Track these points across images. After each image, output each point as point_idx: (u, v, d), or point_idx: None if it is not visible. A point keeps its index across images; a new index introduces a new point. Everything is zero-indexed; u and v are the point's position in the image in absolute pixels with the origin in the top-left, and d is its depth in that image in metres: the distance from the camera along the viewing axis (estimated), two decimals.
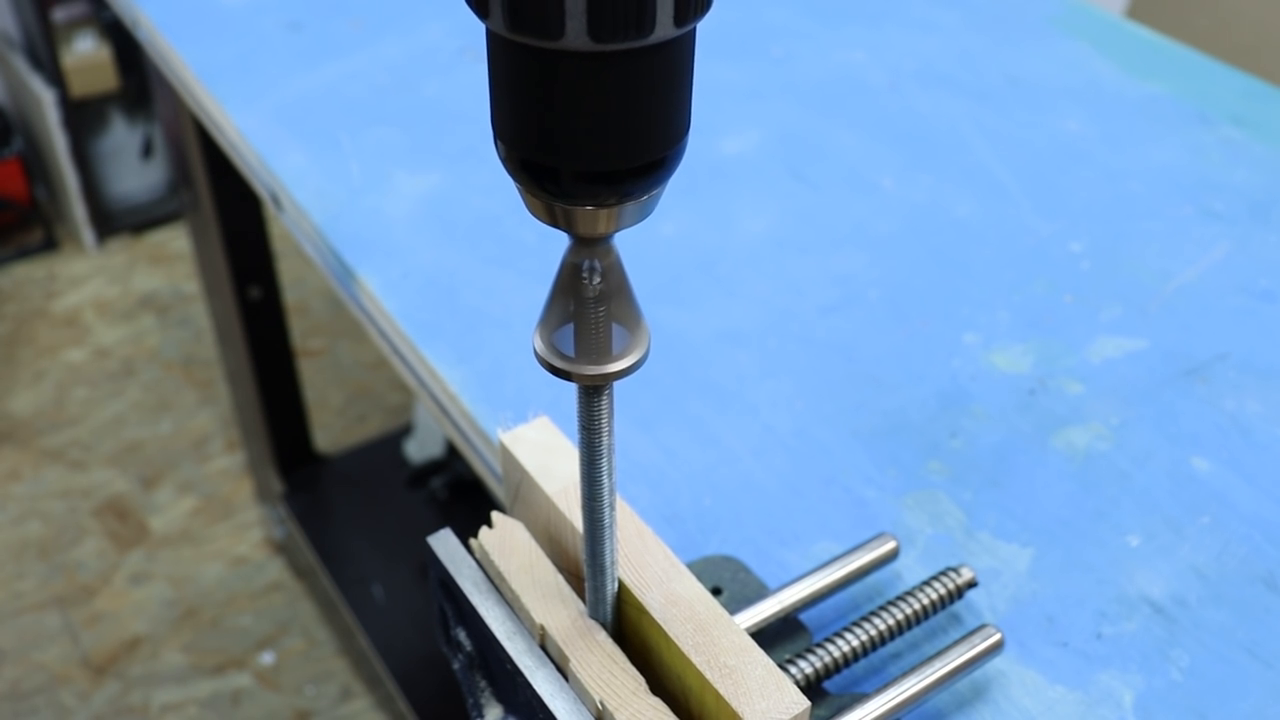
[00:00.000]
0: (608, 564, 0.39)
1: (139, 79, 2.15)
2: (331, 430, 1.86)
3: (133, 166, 2.30)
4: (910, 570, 0.52)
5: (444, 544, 0.43)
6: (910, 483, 0.56)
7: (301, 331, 2.04)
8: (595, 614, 0.40)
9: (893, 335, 0.65)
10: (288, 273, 1.78)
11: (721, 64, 0.89)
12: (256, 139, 0.80)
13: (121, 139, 2.27)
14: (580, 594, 0.41)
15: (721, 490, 0.56)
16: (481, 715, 0.44)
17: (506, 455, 0.45)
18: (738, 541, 0.54)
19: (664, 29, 0.27)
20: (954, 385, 0.62)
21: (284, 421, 1.53)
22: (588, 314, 0.32)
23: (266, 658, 1.57)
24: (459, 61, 0.89)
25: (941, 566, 0.51)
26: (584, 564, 0.39)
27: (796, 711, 0.37)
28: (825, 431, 0.59)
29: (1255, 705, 0.47)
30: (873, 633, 0.46)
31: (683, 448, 0.58)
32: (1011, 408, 0.61)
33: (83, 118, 2.18)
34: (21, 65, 2.15)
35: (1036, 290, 0.68)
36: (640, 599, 0.39)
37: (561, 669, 0.40)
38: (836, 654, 0.45)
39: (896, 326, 0.66)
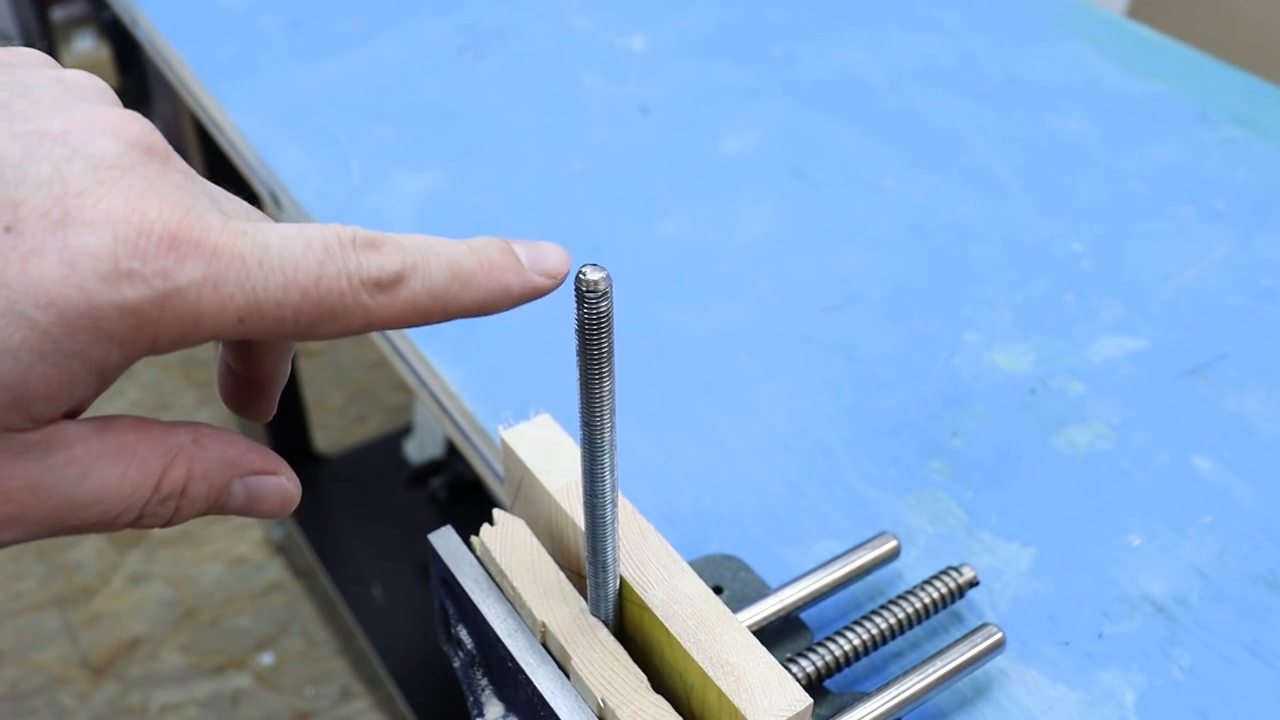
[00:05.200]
0: (610, 561, 0.39)
1: (138, 78, 2.15)
2: (331, 430, 1.86)
3: None
4: (911, 569, 0.52)
5: (445, 541, 0.43)
6: (911, 482, 0.56)
7: None
8: (597, 611, 0.40)
9: (893, 334, 0.65)
10: None
11: (721, 64, 0.89)
12: (256, 138, 0.80)
13: None
14: (582, 591, 0.41)
15: (722, 489, 0.56)
16: (482, 713, 0.44)
17: (508, 452, 0.45)
18: (738, 540, 0.54)
19: None
20: (955, 384, 0.62)
21: (284, 421, 1.53)
22: None
23: (266, 658, 1.57)
24: (459, 61, 0.89)
25: (943, 565, 0.51)
26: (585, 561, 0.39)
27: (799, 709, 0.36)
28: (826, 430, 0.59)
29: (1257, 705, 0.47)
30: (874, 631, 0.46)
31: (683, 447, 0.58)
32: (1013, 407, 0.61)
33: None
34: None
35: (1038, 289, 0.68)
36: (642, 596, 0.39)
37: (563, 666, 0.40)
38: (838, 652, 0.45)
39: (897, 326, 0.66)
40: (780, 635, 0.47)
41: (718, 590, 0.50)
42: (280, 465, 0.32)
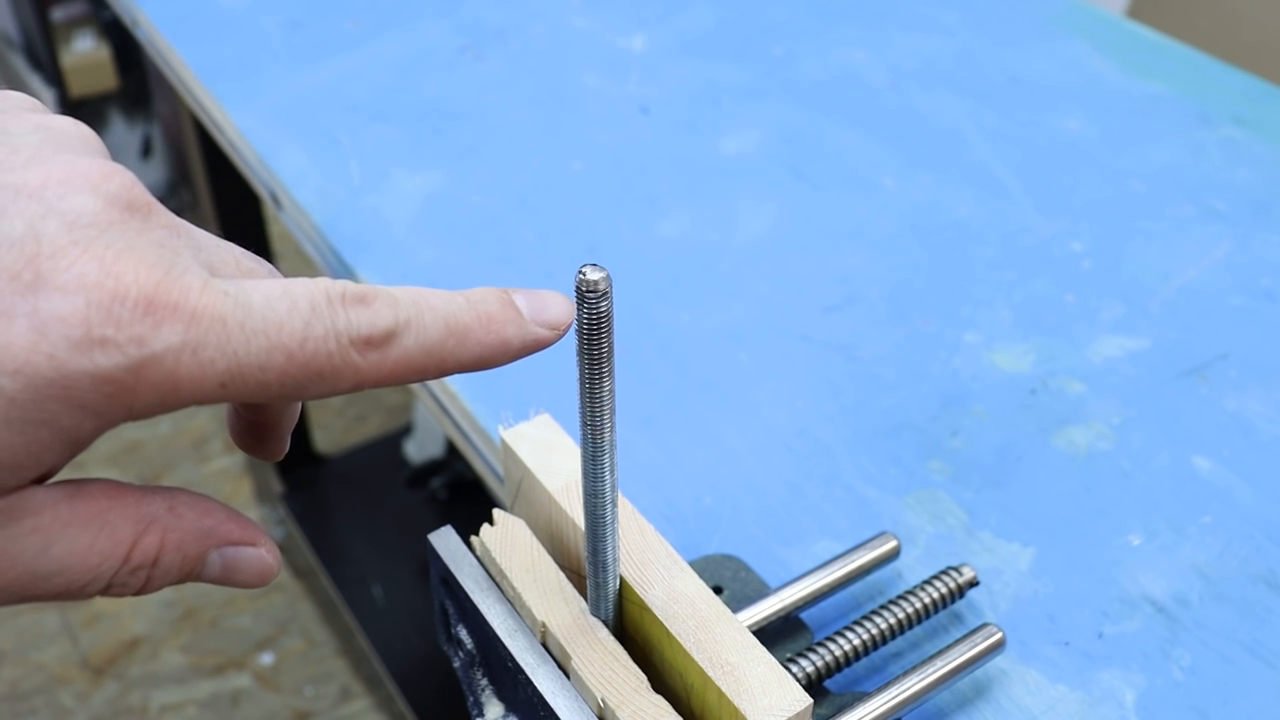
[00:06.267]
0: (610, 561, 0.39)
1: (138, 78, 2.15)
2: (331, 430, 1.86)
3: (132, 166, 2.29)
4: (911, 569, 0.52)
5: (445, 541, 0.43)
6: (911, 482, 0.56)
7: None
8: (597, 611, 0.40)
9: (894, 334, 0.65)
10: (288, 272, 1.78)
11: (721, 63, 0.89)
12: (256, 138, 0.80)
13: (121, 138, 2.27)
14: (582, 591, 0.41)
15: (722, 489, 0.56)
16: (482, 714, 0.44)
17: (508, 452, 0.45)
18: (738, 540, 0.54)
19: None
20: (955, 384, 0.62)
21: None
22: None
23: (266, 658, 1.57)
24: (459, 61, 0.89)
25: (943, 565, 0.51)
26: (585, 561, 0.39)
27: (799, 709, 0.36)
28: (826, 430, 0.59)
29: (1257, 705, 0.47)
30: (874, 631, 0.46)
31: (683, 447, 0.58)
32: (1013, 407, 0.61)
33: (82, 117, 2.16)
34: (21, 65, 2.15)
35: (1038, 289, 0.68)
36: (642, 596, 0.39)
37: (563, 666, 0.40)
38: (838, 652, 0.45)
39: (897, 326, 0.66)
40: (780, 635, 0.47)
41: (718, 590, 0.50)
42: (259, 536, 0.30)
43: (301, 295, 0.27)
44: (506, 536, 0.42)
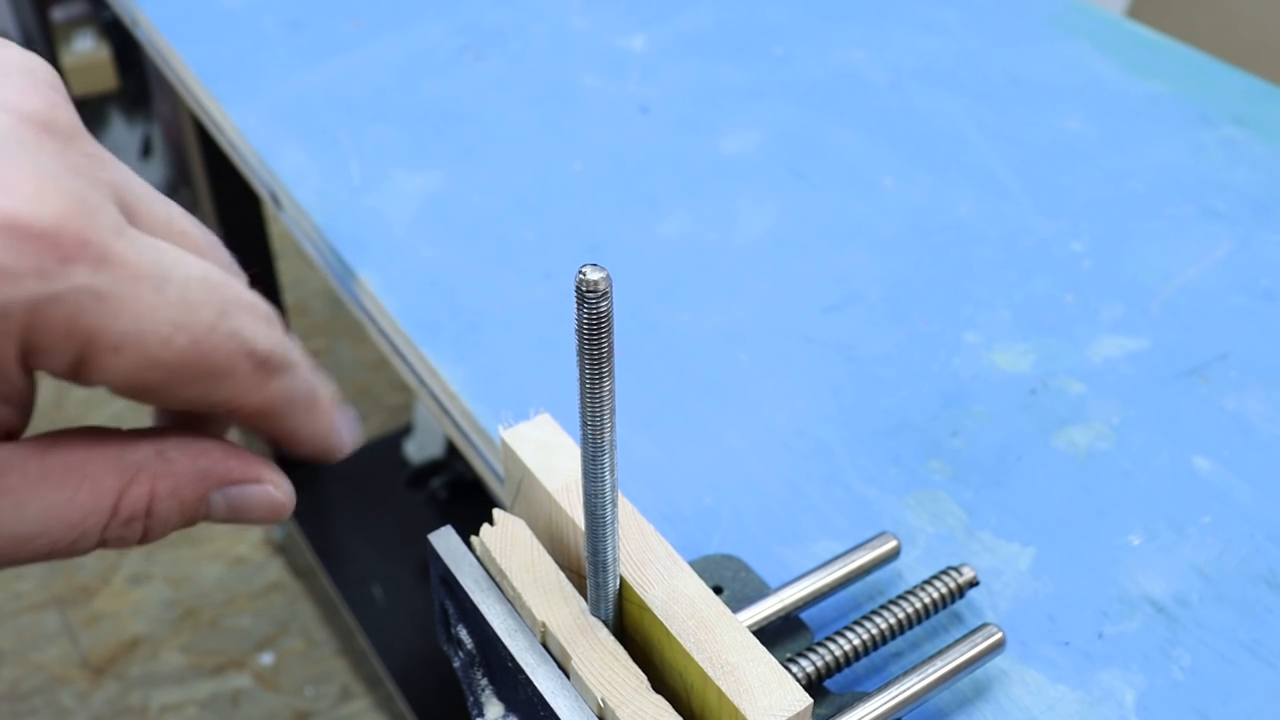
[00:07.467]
0: (610, 561, 0.39)
1: (138, 78, 2.15)
2: None
3: (132, 166, 2.28)
4: (911, 569, 0.52)
5: (445, 541, 0.43)
6: (911, 482, 0.56)
7: (301, 331, 2.04)
8: (597, 611, 0.40)
9: (894, 334, 0.65)
10: (287, 273, 1.78)
11: (721, 63, 0.89)
12: (256, 138, 0.80)
13: (121, 138, 2.27)
14: (582, 591, 0.41)
15: (722, 489, 0.56)
16: (482, 714, 0.44)
17: (508, 452, 0.45)
18: (738, 540, 0.54)
19: None
20: (955, 384, 0.62)
21: None
22: None
23: (266, 658, 1.57)
24: (459, 61, 0.89)
25: (943, 565, 0.51)
26: (585, 561, 0.39)
27: (799, 709, 0.36)
28: (826, 430, 0.59)
29: (1257, 705, 0.47)
30: (874, 631, 0.46)
31: (683, 447, 0.58)
32: (1013, 407, 0.61)
33: (82, 117, 2.17)
34: None
35: (1038, 289, 0.68)
36: (642, 596, 0.39)
37: (563, 666, 0.40)
38: (838, 652, 0.45)
39: (897, 326, 0.66)
40: (780, 635, 0.47)
41: (718, 590, 0.50)
42: (263, 471, 0.29)
43: (221, 288, 0.26)
44: (506, 536, 0.42)
